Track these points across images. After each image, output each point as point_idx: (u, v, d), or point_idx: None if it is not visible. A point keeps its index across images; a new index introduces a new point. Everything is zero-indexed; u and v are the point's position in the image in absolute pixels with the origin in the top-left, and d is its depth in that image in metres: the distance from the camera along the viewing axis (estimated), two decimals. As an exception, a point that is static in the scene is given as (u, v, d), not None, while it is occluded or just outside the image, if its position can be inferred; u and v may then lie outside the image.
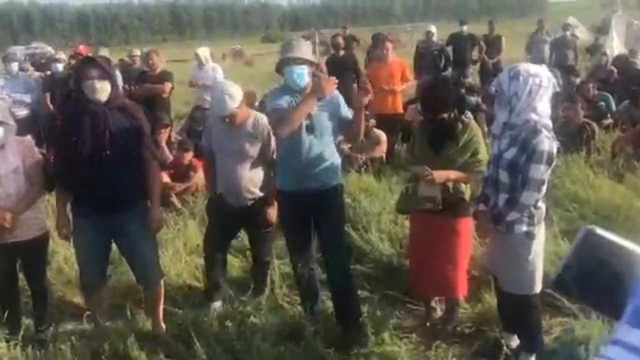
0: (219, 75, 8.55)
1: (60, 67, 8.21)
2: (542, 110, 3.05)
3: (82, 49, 8.29)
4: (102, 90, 3.37)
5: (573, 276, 0.76)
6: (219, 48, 23.81)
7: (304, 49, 3.66)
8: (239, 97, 3.90)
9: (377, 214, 5.13)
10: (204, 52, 8.85)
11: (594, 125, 7.28)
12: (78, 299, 4.35)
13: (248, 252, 4.70)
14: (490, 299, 3.85)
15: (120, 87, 6.28)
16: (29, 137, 4.90)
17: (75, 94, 3.57)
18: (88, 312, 3.71)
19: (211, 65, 8.78)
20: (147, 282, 3.81)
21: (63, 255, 4.70)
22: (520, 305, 3.30)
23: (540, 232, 3.25)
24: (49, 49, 15.25)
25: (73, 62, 8.43)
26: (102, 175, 3.39)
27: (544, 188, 3.11)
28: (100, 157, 3.37)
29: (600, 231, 0.75)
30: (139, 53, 9.87)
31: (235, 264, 4.71)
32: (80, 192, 3.54)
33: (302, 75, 3.57)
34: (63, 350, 3.45)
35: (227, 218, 4.15)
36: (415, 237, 3.86)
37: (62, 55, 8.51)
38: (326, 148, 3.65)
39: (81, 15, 60.57)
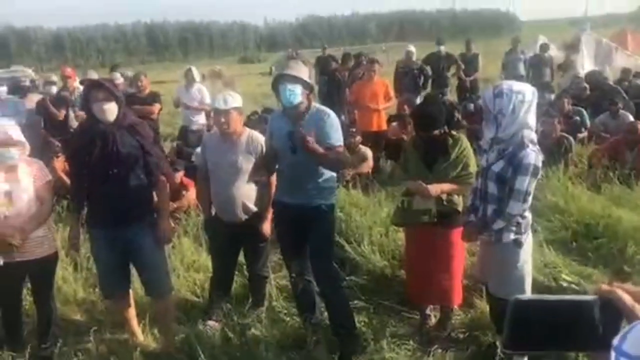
0: (206, 97, 8.65)
1: (54, 89, 8.30)
2: (529, 124, 3.23)
3: (70, 71, 8.38)
4: (110, 111, 3.52)
5: (519, 341, 0.83)
6: (198, 69, 23.81)
7: (298, 68, 3.73)
8: (239, 100, 4.12)
9: (368, 227, 5.27)
10: (195, 70, 8.99)
11: (571, 138, 7.56)
12: (79, 317, 4.42)
13: (245, 267, 4.80)
14: (482, 305, 4.02)
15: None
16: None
17: (87, 116, 3.72)
18: (94, 328, 3.77)
19: (197, 87, 8.85)
20: (158, 293, 3.90)
21: (61, 275, 4.75)
22: (511, 309, 3.42)
23: (528, 240, 3.42)
24: (30, 72, 15.26)
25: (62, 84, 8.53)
26: (112, 192, 3.54)
27: (530, 199, 3.29)
28: (109, 174, 3.52)
29: (524, 297, 0.83)
30: (121, 80, 9.93)
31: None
32: (92, 207, 3.70)
33: (294, 94, 3.61)
34: (70, 366, 3.52)
35: (225, 237, 4.25)
36: (411, 248, 4.02)
37: (55, 78, 8.61)
38: (312, 167, 3.67)
39: (56, 38, 59.95)
